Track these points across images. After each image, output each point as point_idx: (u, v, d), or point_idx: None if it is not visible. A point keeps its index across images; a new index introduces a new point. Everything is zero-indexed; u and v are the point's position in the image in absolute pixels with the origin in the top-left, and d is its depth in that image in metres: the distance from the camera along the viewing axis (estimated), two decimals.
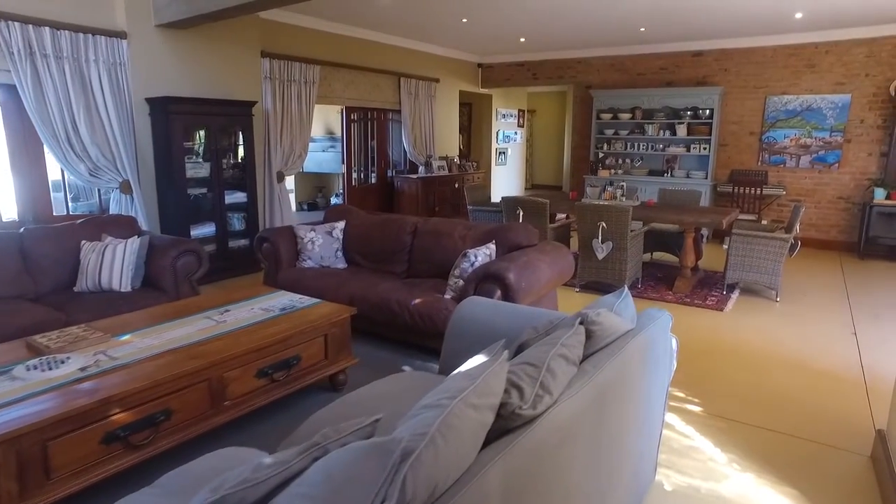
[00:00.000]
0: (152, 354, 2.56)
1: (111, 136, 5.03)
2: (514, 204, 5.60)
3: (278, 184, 6.64)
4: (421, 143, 8.87)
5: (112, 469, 2.21)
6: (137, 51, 5.11)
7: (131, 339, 2.76)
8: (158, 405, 2.36)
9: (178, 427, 2.44)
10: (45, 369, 2.37)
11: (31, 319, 3.32)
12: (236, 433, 2.80)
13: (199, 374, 2.49)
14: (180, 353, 2.59)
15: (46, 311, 3.45)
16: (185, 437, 2.46)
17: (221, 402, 2.62)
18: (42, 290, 3.86)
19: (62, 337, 2.73)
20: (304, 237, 4.55)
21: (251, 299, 3.41)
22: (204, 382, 2.54)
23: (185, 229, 5.41)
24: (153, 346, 2.65)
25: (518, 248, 3.79)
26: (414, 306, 3.59)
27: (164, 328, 2.91)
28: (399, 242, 4.43)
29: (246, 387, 2.72)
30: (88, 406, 2.10)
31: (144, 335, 2.81)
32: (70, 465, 2.10)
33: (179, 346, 2.67)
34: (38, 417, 1.99)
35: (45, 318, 3.37)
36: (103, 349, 2.61)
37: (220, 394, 2.61)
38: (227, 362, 2.61)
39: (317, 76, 6.85)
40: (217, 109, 5.51)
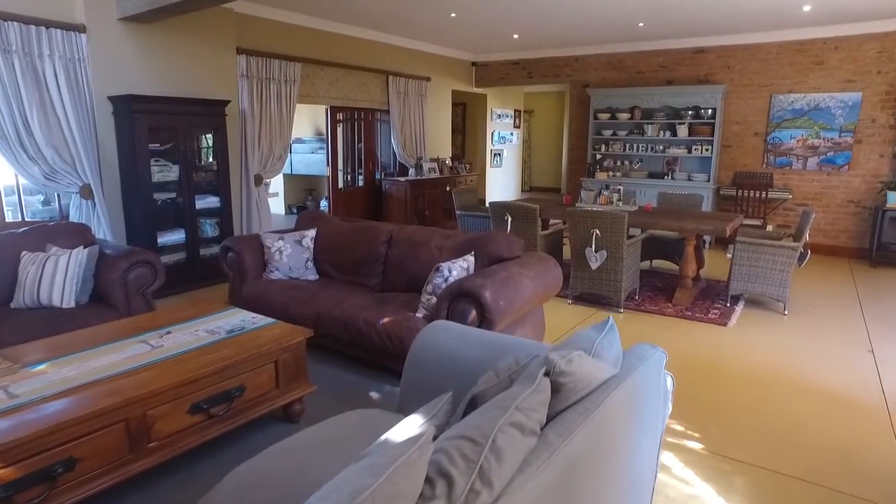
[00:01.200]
0: (63, 390, 2.20)
1: (69, 137, 4.69)
2: (503, 209, 5.23)
3: (256, 187, 6.29)
4: (411, 145, 8.51)
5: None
6: (98, 45, 4.77)
7: (46, 370, 2.40)
8: (57, 455, 1.99)
9: (85, 479, 2.08)
10: None
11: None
12: (164, 478, 2.44)
13: (113, 413, 2.13)
14: (98, 387, 2.23)
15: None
16: (94, 489, 2.10)
17: (144, 444, 2.26)
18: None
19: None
20: (271, 246, 4.20)
21: (200, 318, 3.05)
22: (121, 423, 2.18)
23: (151, 237, 5.06)
24: (68, 380, 2.30)
25: (499, 260, 3.43)
26: (382, 326, 3.23)
27: (89, 355, 2.56)
28: (373, 253, 4.07)
29: (176, 425, 2.37)
30: None
31: (63, 364, 2.46)
32: None
33: (99, 378, 2.31)
34: None
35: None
36: (5, 384, 2.25)
37: (141, 435, 2.25)
38: (152, 398, 2.25)
39: (298, 74, 6.50)
40: (187, 109, 5.16)
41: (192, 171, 5.32)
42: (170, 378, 2.33)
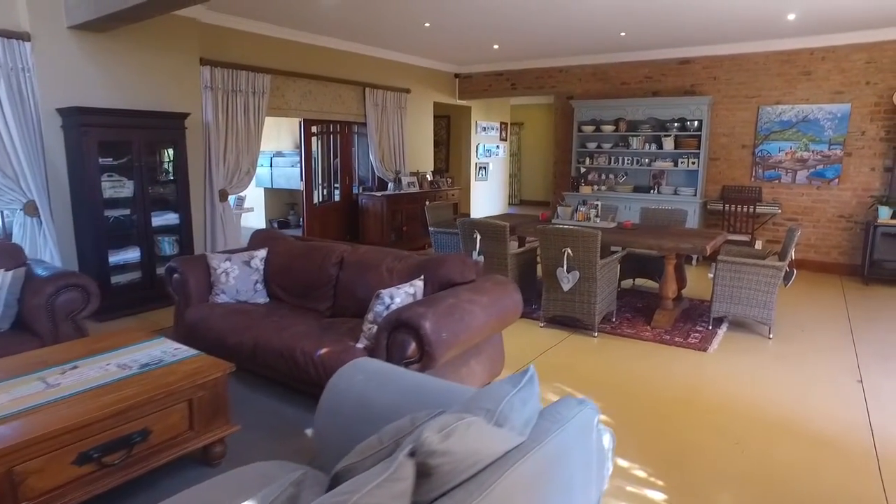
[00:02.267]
0: None
1: (12, 151, 4.45)
2: (471, 227, 4.97)
3: (221, 203, 6.04)
4: (389, 158, 8.28)
5: None
6: (45, 55, 4.54)
7: None
8: None
9: None
10: None
11: None
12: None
13: None
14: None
15: None
16: None
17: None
18: None
19: None
20: (217, 268, 3.93)
21: (117, 350, 2.78)
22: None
23: (101, 256, 4.80)
24: None
25: (450, 285, 3.16)
26: (319, 357, 2.95)
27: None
28: (323, 275, 3.80)
29: (56, 479, 2.08)
30: None
31: None
32: None
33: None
34: None
35: None
36: None
37: (4, 495, 1.96)
38: (22, 451, 1.97)
39: (267, 86, 6.28)
40: (142, 122, 4.92)
41: (148, 186, 5.07)
42: (50, 425, 2.05)
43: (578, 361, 4.03)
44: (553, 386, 3.56)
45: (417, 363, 2.67)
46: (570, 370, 3.86)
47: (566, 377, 3.72)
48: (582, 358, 4.10)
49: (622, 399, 3.40)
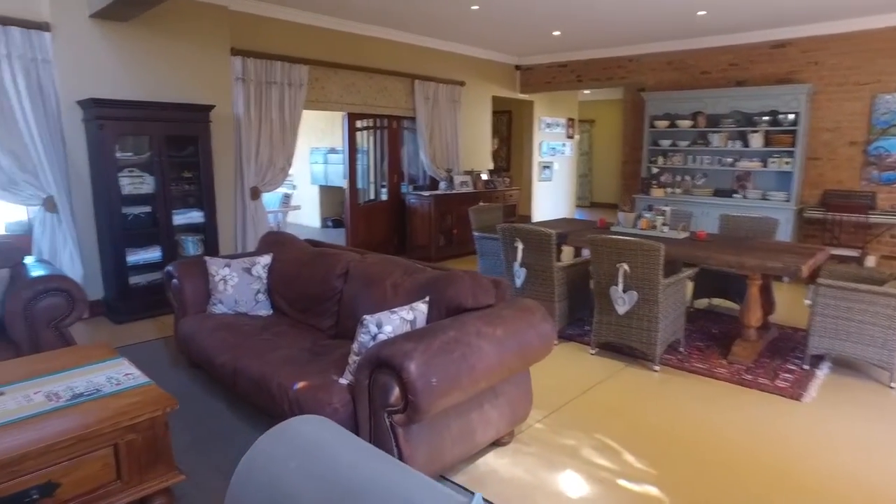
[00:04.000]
0: None
1: (31, 145, 4.28)
2: (512, 234, 4.31)
3: (253, 201, 5.71)
4: (441, 156, 7.72)
5: None
6: (66, 45, 4.34)
7: None
8: None
9: None
10: None
11: None
12: None
13: None
14: None
15: None
16: None
17: None
18: None
19: None
20: (215, 275, 3.52)
21: (65, 371, 2.38)
22: None
23: (119, 255, 4.56)
24: None
25: (458, 310, 2.54)
26: (295, 393, 2.43)
27: None
28: (327, 288, 3.29)
29: None
30: None
31: None
32: None
33: None
34: None
35: None
36: None
37: None
38: None
39: (305, 77, 5.90)
40: (163, 115, 4.64)
41: (170, 182, 4.79)
42: None
43: (632, 403, 3.28)
44: (593, 437, 2.85)
45: (402, 413, 2.08)
46: (620, 414, 3.13)
47: (613, 424, 3.00)
48: (637, 398, 3.34)
49: (684, 462, 2.65)
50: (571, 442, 2.80)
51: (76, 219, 4.58)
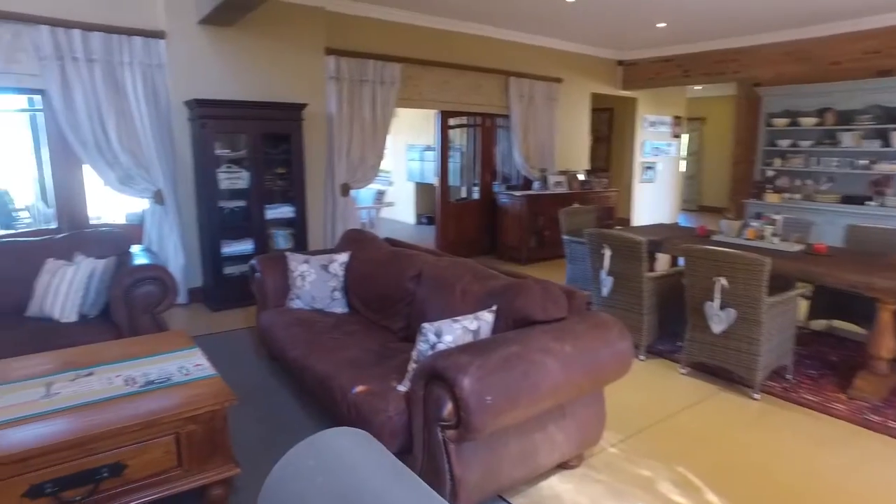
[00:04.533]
0: None
1: (145, 143, 4.64)
2: (599, 240, 4.04)
3: (343, 197, 5.84)
4: (536, 155, 7.50)
5: None
6: (177, 51, 4.66)
7: None
8: None
9: None
10: None
11: None
12: None
13: None
14: None
15: None
16: None
17: None
18: (4, 309, 3.42)
19: None
20: (294, 270, 3.61)
21: (144, 357, 2.53)
22: None
23: (215, 246, 4.84)
24: None
25: (527, 322, 2.38)
26: (353, 397, 2.40)
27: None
28: (399, 289, 3.25)
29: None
30: None
31: None
32: None
33: None
34: None
35: None
36: None
37: None
38: None
39: (397, 75, 5.94)
40: (258, 113, 4.85)
41: (263, 178, 5.01)
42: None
43: (723, 433, 2.94)
44: (673, 469, 2.57)
45: (454, 429, 1.97)
46: (708, 445, 2.81)
47: (698, 456, 2.69)
48: (730, 429, 2.99)
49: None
50: (647, 472, 2.54)
51: (180, 211, 4.92)
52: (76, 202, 4.73)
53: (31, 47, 4.12)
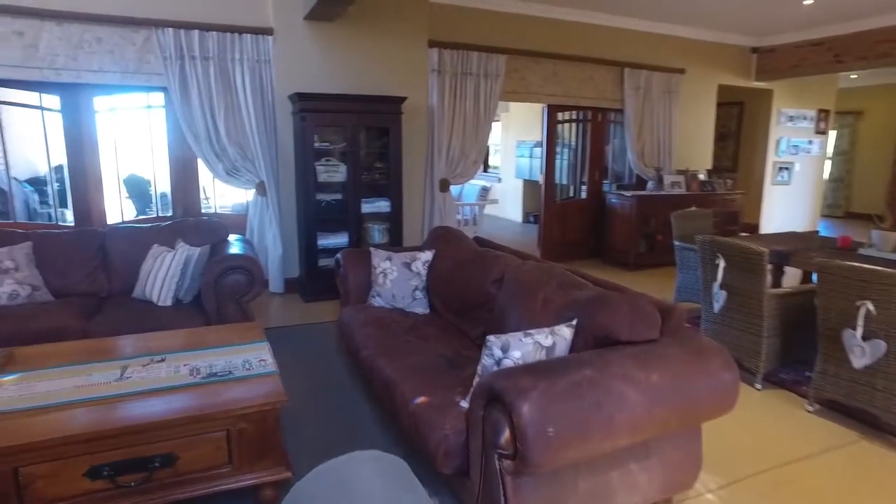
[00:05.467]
0: None
1: (251, 136, 4.83)
2: (712, 248, 3.53)
3: (442, 193, 5.73)
4: (651, 152, 6.92)
5: None
6: (283, 47, 4.80)
7: (4, 383, 2.16)
8: None
9: None
10: None
11: (50, 325, 3.08)
12: None
13: None
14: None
15: (75, 317, 3.18)
16: None
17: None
18: (114, 289, 3.71)
19: None
20: (377, 266, 3.52)
21: (215, 348, 2.54)
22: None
23: (311, 238, 4.93)
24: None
25: (609, 341, 2.06)
26: (414, 408, 2.23)
27: (65, 372, 2.26)
28: (480, 293, 3.04)
29: (68, 489, 1.86)
30: None
31: (28, 379, 2.19)
32: None
33: (16, 408, 1.96)
34: None
35: (64, 325, 3.11)
36: None
37: (9, 495, 1.79)
38: (28, 453, 1.78)
39: (501, 68, 5.71)
40: (357, 106, 4.86)
41: (360, 171, 5.02)
42: (60, 431, 1.82)
43: (859, 495, 2.40)
44: None
45: (511, 460, 1.73)
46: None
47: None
48: (869, 490, 2.44)
49: None
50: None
51: (280, 202, 5.07)
52: (190, 192, 5.04)
53: (157, 48, 4.42)
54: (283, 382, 2.19)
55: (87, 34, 4.25)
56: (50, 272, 3.50)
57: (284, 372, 3.42)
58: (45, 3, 4.09)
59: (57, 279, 3.51)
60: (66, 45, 4.21)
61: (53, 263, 3.52)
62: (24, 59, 4.15)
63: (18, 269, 3.33)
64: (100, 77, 4.34)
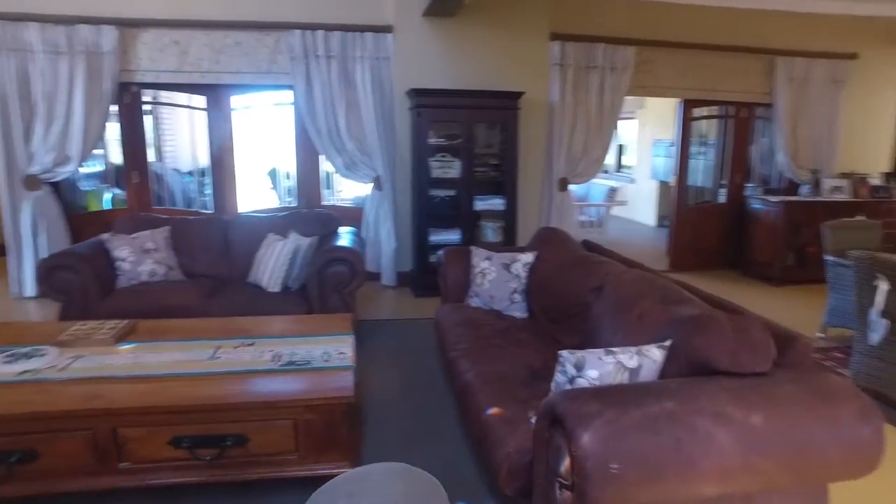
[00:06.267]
0: (80, 377, 2.13)
1: (369, 131, 4.98)
2: (871, 267, 2.93)
3: (560, 192, 5.48)
4: (806, 152, 6.04)
5: None
6: (402, 43, 4.88)
7: (121, 351, 2.41)
8: (14, 443, 1.92)
9: (48, 473, 1.96)
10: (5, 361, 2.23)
11: (176, 302, 3.41)
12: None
13: (68, 419, 1.93)
14: (107, 384, 2.08)
15: (198, 296, 3.50)
16: (57, 486, 1.97)
17: (113, 461, 1.99)
18: (234, 274, 3.99)
19: (83, 329, 2.58)
20: (475, 265, 3.43)
21: (302, 336, 2.63)
22: (82, 432, 1.95)
23: (423, 233, 4.98)
24: (107, 368, 2.23)
25: (706, 370, 1.76)
26: (485, 418, 2.10)
27: (171, 346, 2.47)
28: (577, 302, 2.81)
29: (155, 453, 2.01)
30: None
31: (140, 350, 2.42)
32: None
33: (125, 375, 2.17)
34: None
35: (189, 303, 3.42)
36: (83, 354, 2.35)
37: (110, 451, 1.97)
38: (123, 416, 1.95)
39: (630, 60, 5.31)
40: (474, 102, 4.80)
41: (474, 168, 4.96)
42: (151, 400, 1.97)
43: None
44: None
45: (571, 491, 1.54)
46: None
47: None
48: None
49: None
50: None
51: (396, 197, 5.17)
52: (312, 184, 5.33)
53: (286, 49, 4.72)
54: (377, 375, 2.21)
55: (227, 39, 4.66)
56: (183, 254, 3.88)
57: (380, 364, 3.50)
58: (196, 15, 4.55)
59: (188, 261, 3.88)
60: (211, 50, 4.65)
61: (186, 247, 3.90)
62: (178, 65, 4.65)
63: (158, 250, 3.72)
64: (236, 78, 4.75)
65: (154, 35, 4.57)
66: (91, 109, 4.51)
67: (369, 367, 3.45)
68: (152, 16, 4.51)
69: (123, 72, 4.57)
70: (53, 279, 3.28)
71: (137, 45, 4.58)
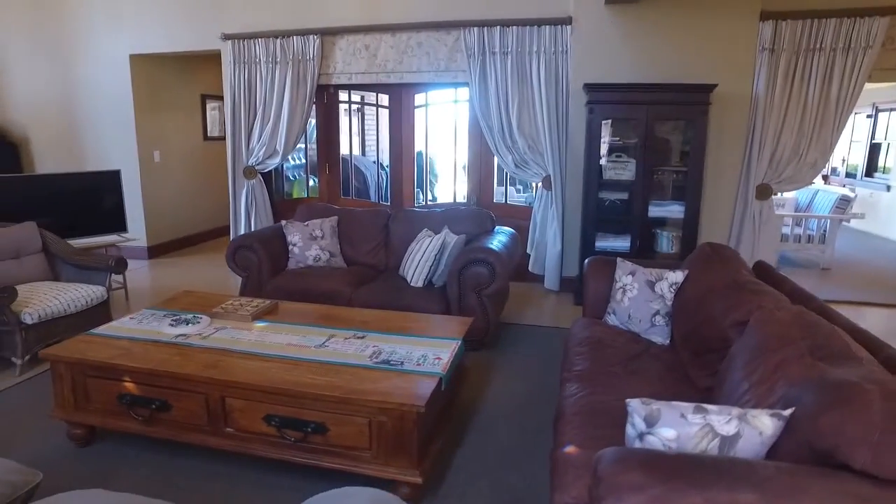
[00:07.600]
0: (212, 347, 2.47)
1: (541, 128, 4.83)
2: None
3: (758, 201, 4.65)
4: None
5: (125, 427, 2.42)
6: (581, 35, 4.61)
7: (254, 328, 2.72)
8: (157, 393, 2.32)
9: (177, 423, 2.33)
10: (171, 324, 2.69)
11: (329, 287, 3.75)
12: (245, 470, 2.33)
13: (190, 381, 2.25)
14: (224, 358, 2.38)
15: (348, 284, 3.77)
16: (183, 436, 2.33)
17: (221, 425, 2.26)
18: (390, 264, 4.23)
19: (234, 304, 2.97)
20: (617, 280, 3.08)
21: (412, 336, 2.66)
22: (199, 395, 2.26)
23: (589, 238, 4.67)
24: (235, 342, 2.54)
25: (833, 462, 1.28)
26: (559, 455, 1.88)
27: (295, 330, 2.71)
28: (716, 335, 2.33)
29: (251, 425, 2.23)
30: (111, 364, 2.36)
31: (268, 330, 2.71)
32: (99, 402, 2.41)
33: (244, 351, 2.46)
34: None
35: (339, 289, 3.73)
36: (225, 326, 2.72)
37: (218, 415, 2.25)
38: (230, 388, 2.20)
39: (876, 35, 4.21)
40: (654, 97, 4.30)
41: (651, 170, 4.47)
42: (250, 376, 2.20)
43: None
44: None
45: None
46: None
47: None
48: None
49: None
50: None
51: (564, 198, 4.92)
52: (486, 181, 5.35)
53: (463, 47, 4.80)
54: (502, 383, 2.18)
55: (411, 40, 4.91)
56: (346, 243, 4.22)
57: (509, 373, 3.37)
58: (383, 19, 4.89)
59: (350, 249, 4.21)
60: (395, 52, 4.95)
61: (350, 236, 4.24)
62: (367, 67, 5.06)
63: (324, 237, 4.12)
64: (417, 76, 4.99)
65: (348, 41, 5.05)
66: (295, 109, 5.18)
67: (497, 374, 3.35)
68: (348, 23, 4.97)
69: (322, 75, 5.14)
70: (238, 257, 3.85)
71: (335, 51, 5.10)
